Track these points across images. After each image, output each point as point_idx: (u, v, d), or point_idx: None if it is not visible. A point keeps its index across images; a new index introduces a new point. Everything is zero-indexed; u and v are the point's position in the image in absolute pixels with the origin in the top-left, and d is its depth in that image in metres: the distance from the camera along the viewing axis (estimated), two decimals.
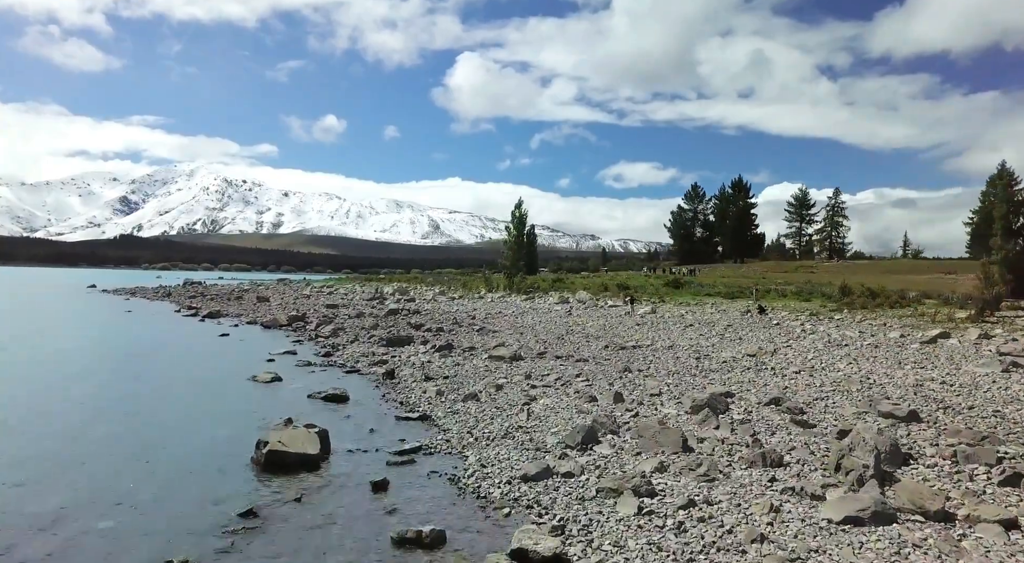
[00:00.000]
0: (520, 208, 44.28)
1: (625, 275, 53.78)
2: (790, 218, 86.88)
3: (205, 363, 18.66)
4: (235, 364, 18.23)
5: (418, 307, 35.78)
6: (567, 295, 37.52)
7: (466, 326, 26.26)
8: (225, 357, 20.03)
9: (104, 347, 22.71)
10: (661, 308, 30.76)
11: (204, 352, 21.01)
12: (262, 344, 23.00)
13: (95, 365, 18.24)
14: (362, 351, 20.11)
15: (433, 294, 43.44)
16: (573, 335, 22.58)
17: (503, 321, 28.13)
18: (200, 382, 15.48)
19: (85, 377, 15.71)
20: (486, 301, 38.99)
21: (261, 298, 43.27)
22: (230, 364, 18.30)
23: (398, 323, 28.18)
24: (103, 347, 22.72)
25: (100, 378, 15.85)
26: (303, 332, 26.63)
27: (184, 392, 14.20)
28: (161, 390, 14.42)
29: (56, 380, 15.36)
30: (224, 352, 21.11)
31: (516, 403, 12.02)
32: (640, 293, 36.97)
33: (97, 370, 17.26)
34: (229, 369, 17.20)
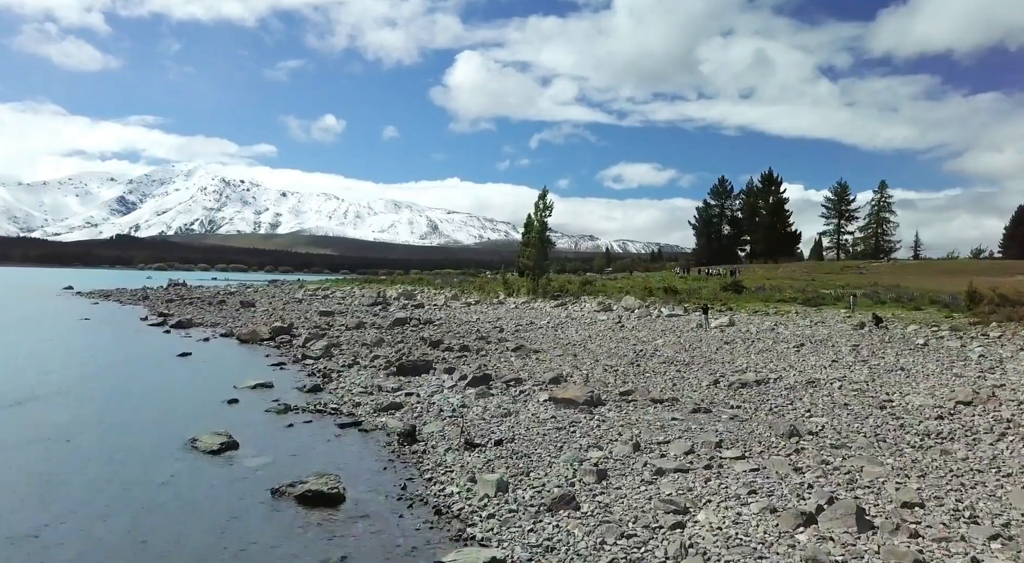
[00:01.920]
0: (544, 199, 38.41)
1: (659, 277, 48.08)
2: (828, 215, 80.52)
3: (136, 407, 12.91)
4: (180, 408, 12.56)
5: (429, 315, 30.10)
6: (608, 301, 31.67)
7: (496, 342, 20.57)
8: (172, 394, 14.31)
9: (5, 378, 16.92)
10: (735, 318, 24.97)
11: (145, 385, 15.27)
12: (231, 368, 17.33)
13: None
14: (364, 383, 14.45)
15: (444, 299, 37.68)
16: (648, 358, 16.89)
17: (540, 335, 22.43)
18: (103, 455, 9.63)
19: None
20: (508, 308, 33.29)
21: (245, 303, 37.55)
22: (172, 409, 12.60)
23: (407, 337, 22.51)
24: (4, 378, 16.94)
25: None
26: (288, 349, 21.00)
27: (58, 487, 8.43)
28: (19, 482, 8.66)
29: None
30: (174, 384, 15.39)
31: (650, 518, 6.37)
32: (694, 297, 31.29)
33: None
34: (166, 420, 11.52)
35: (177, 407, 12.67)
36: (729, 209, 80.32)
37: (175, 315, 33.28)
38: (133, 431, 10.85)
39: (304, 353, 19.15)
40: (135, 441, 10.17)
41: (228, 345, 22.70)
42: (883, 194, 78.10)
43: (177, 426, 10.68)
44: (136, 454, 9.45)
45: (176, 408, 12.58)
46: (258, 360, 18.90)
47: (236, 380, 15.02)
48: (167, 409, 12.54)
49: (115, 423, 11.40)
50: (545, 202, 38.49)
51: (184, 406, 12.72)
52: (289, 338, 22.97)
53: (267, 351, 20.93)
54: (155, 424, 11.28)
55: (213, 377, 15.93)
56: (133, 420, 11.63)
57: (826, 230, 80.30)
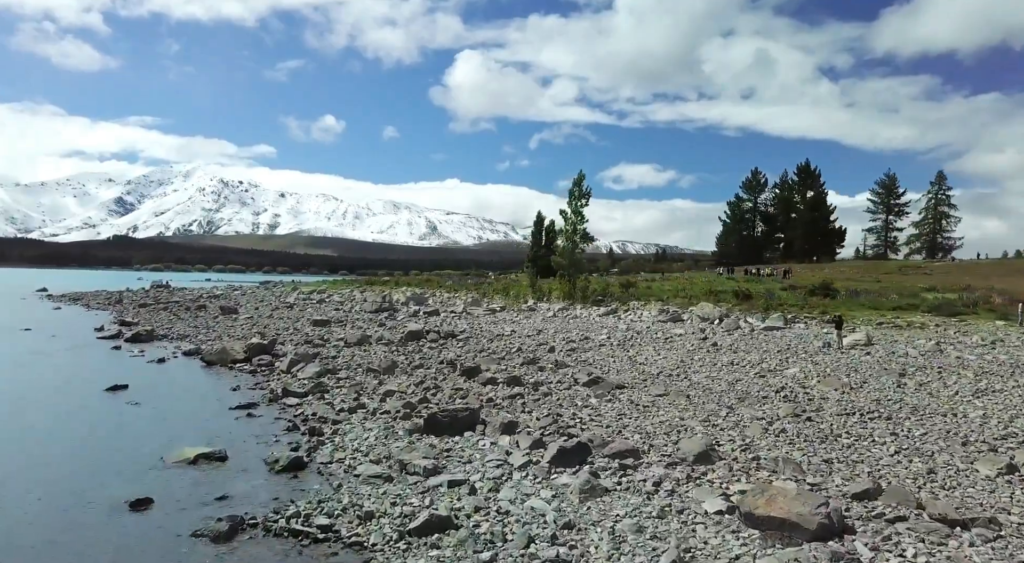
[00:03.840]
0: (580, 185, 32.36)
1: (705, 280, 42.31)
2: (874, 211, 73.60)
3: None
4: (36, 521, 6.86)
5: (449, 325, 24.41)
6: (673, 308, 25.52)
7: (553, 368, 14.89)
8: (41, 482, 8.56)
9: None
10: (869, 334, 18.86)
11: (24, 458, 9.55)
12: (173, 415, 11.68)
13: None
14: (376, 451, 8.85)
15: (463, 304, 31.82)
16: (810, 406, 11.14)
17: (607, 357, 16.74)
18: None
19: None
20: (544, 316, 27.53)
21: (226, 309, 31.84)
22: (19, 527, 6.88)
23: (428, 358, 16.83)
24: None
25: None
26: (267, 377, 15.42)
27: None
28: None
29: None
30: (59, 454, 9.64)
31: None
32: (761, 302, 25.60)
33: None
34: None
35: (31, 519, 6.94)
36: (763, 204, 74.21)
37: (139, 324, 27.69)
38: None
39: (286, 387, 13.43)
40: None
41: (188, 369, 17.01)
42: (941, 186, 70.15)
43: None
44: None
45: (27, 522, 6.85)
46: (220, 397, 13.21)
47: (169, 443, 9.37)
48: (34, 516, 6.82)
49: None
50: (581, 188, 32.51)
51: (46, 516, 7.00)
52: (270, 359, 17.29)
53: (237, 379, 15.26)
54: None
55: (135, 435, 10.23)
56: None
57: (872, 227, 73.73)
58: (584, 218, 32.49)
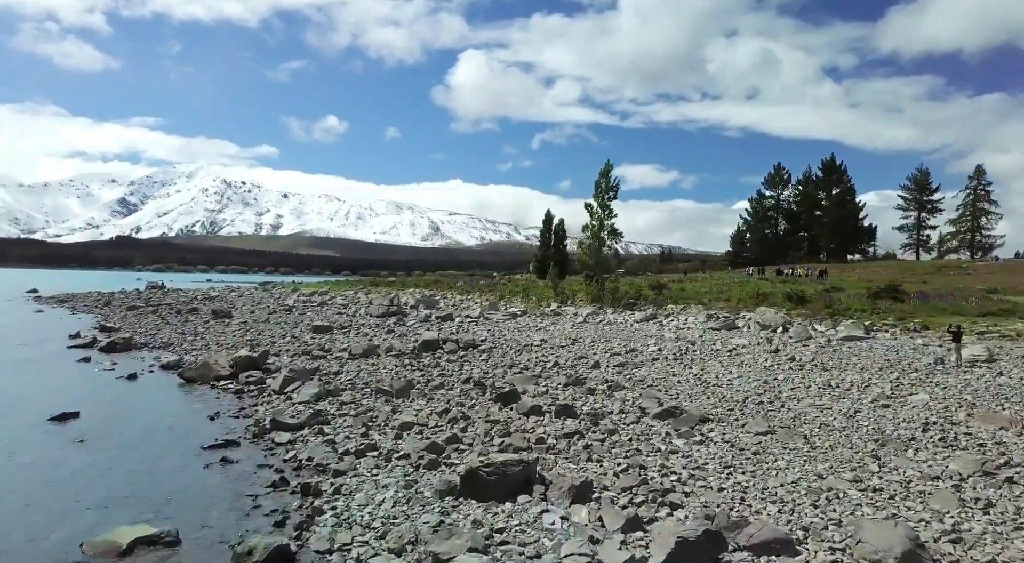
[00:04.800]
0: (608, 177, 29.31)
1: (737, 281, 39.40)
2: (906, 207, 69.27)
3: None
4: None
5: (467, 332, 21.59)
6: (725, 313, 22.46)
7: (606, 391, 12.04)
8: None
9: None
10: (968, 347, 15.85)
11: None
12: (132, 457, 8.93)
13: None
14: (396, 523, 6.07)
15: (480, 308, 28.86)
16: (972, 447, 8.32)
17: (667, 374, 13.89)
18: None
19: None
20: (572, 321, 24.64)
21: (219, 313, 29.07)
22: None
23: (448, 375, 14.02)
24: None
25: None
26: (255, 399, 12.70)
27: None
28: None
29: None
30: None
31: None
32: (820, 306, 22.71)
33: None
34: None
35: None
36: (786, 201, 70.89)
37: (121, 329, 25.00)
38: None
39: (276, 416, 10.62)
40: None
41: (162, 388, 14.23)
42: (979, 181, 64.69)
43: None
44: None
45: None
46: (192, 429, 10.43)
47: (102, 513, 6.58)
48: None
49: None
50: (608, 180, 29.50)
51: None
52: (260, 376, 14.49)
53: (219, 403, 12.50)
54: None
55: (59, 498, 7.42)
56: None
57: (904, 225, 69.62)
58: (612, 212, 29.57)
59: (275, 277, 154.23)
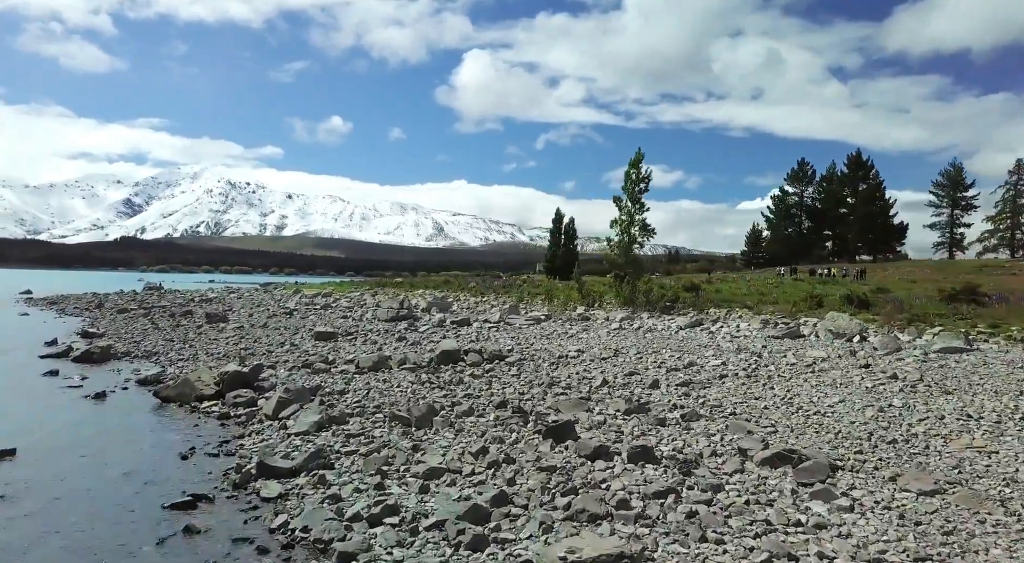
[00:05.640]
0: (639, 168, 26.57)
1: (769, 281, 36.78)
2: (937, 203, 65.62)
3: None
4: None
5: (490, 340, 19.13)
6: (780, 320, 19.92)
7: (679, 425, 9.59)
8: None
9: None
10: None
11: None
12: (64, 521, 6.49)
13: None
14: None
15: (499, 312, 26.28)
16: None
17: (747, 396, 11.43)
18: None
19: None
20: (606, 327, 22.07)
21: (213, 316, 26.72)
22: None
23: (476, 396, 11.60)
24: None
25: None
26: (242, 425, 10.39)
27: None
28: None
29: None
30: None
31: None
32: (890, 311, 20.18)
33: None
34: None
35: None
36: (810, 198, 68.07)
37: (105, 335, 22.75)
38: None
39: (264, 458, 8.21)
40: None
41: (132, 411, 11.84)
42: (1021, 176, 60.28)
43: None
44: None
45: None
46: (155, 474, 8.04)
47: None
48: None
49: None
50: (639, 171, 26.85)
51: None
52: (251, 396, 12.09)
53: (196, 433, 10.11)
54: None
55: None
56: None
57: (936, 222, 66.07)
58: (644, 206, 26.96)
59: (279, 278, 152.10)
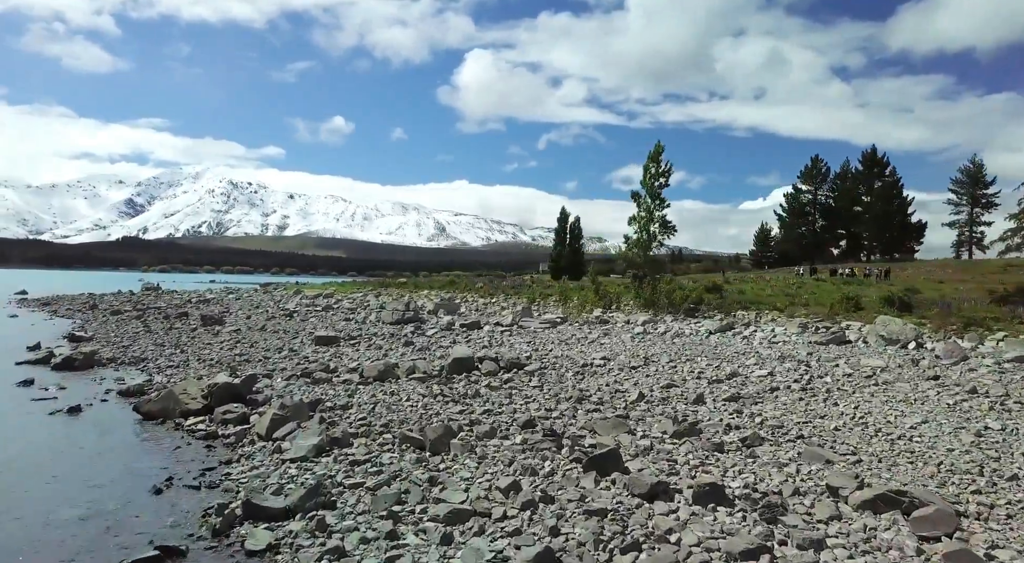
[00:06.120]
0: (659, 161, 25.07)
1: (789, 281, 35.32)
2: (957, 201, 63.51)
3: None
4: None
5: (505, 345, 17.73)
6: (820, 323, 18.42)
7: (740, 450, 8.21)
8: None
9: None
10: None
11: None
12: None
13: None
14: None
15: (511, 314, 24.78)
16: None
17: (808, 412, 10.03)
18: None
19: None
20: (629, 330, 20.66)
21: (209, 319, 25.35)
22: None
23: (497, 412, 10.22)
24: None
25: None
26: (231, 448, 9.02)
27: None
28: None
29: None
30: None
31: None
32: (935, 314, 18.77)
33: None
34: None
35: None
36: (824, 195, 66.52)
37: (93, 339, 21.47)
38: None
39: (251, 496, 6.82)
40: None
41: (107, 429, 10.48)
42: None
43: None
44: None
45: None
46: (120, 518, 6.66)
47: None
48: None
49: None
50: (659, 165, 25.32)
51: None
52: (243, 412, 10.70)
53: (176, 457, 8.74)
54: None
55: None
56: None
57: (954, 221, 64.00)
58: (664, 202, 25.49)
59: (280, 278, 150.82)
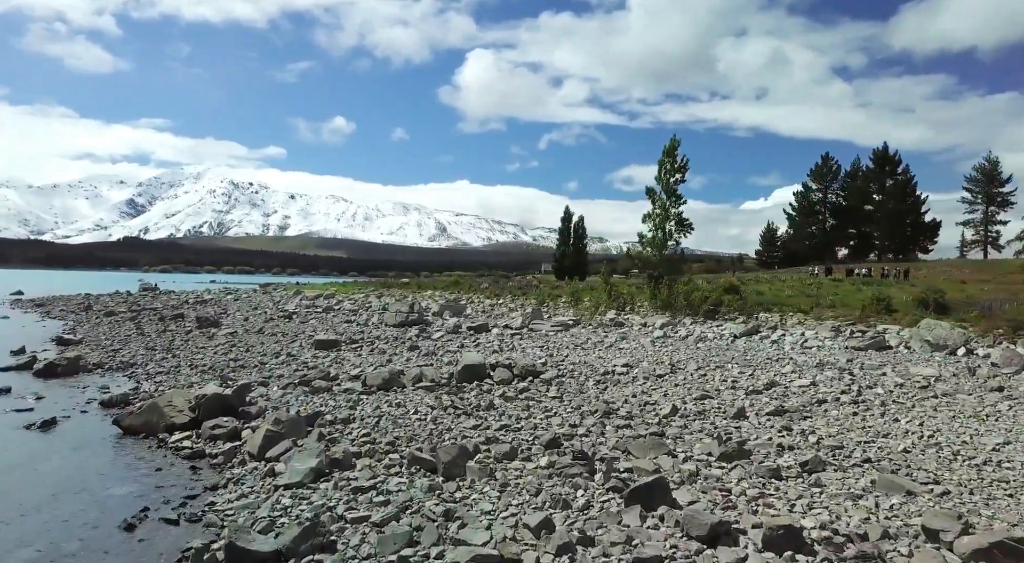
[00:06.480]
0: (674, 156, 23.82)
1: (806, 282, 34.19)
2: (972, 199, 61.76)
3: None
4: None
5: (517, 351, 16.65)
6: (853, 327, 17.27)
7: (798, 481, 7.15)
8: None
9: None
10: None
11: None
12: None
13: None
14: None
15: (521, 317, 23.61)
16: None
17: (867, 431, 8.96)
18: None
19: None
20: (648, 334, 19.54)
21: (204, 320, 24.32)
22: None
23: (516, 429, 9.17)
24: None
25: None
26: (219, 470, 7.96)
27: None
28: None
29: None
30: None
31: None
32: (975, 316, 17.71)
33: None
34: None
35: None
36: (834, 194, 65.11)
37: (82, 343, 20.45)
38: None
39: (239, 531, 5.76)
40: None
41: (80, 445, 9.43)
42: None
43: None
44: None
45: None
46: (76, 559, 5.59)
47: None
48: None
49: None
50: (675, 160, 24.16)
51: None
52: (234, 426, 9.64)
53: (154, 481, 7.68)
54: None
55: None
56: None
57: (970, 220, 62.33)
58: (681, 199, 24.34)
59: (281, 278, 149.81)
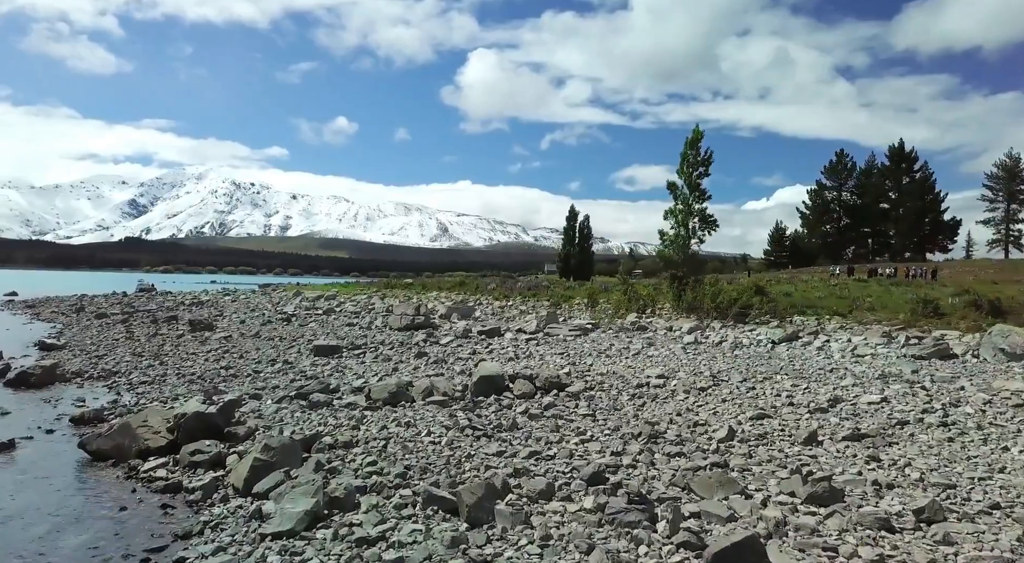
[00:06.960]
0: (697, 148, 22.27)
1: (827, 283, 32.62)
2: (992, 198, 60.10)
3: None
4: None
5: (535, 358, 15.27)
6: (906, 332, 15.85)
7: (935, 542, 5.75)
8: None
9: None
10: None
11: None
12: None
13: None
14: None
15: (535, 320, 22.09)
16: None
17: (991, 466, 7.58)
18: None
19: None
20: (674, 339, 18.14)
21: (198, 324, 22.96)
22: None
23: (549, 455, 7.77)
24: None
25: None
26: (194, 509, 6.50)
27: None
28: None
29: None
30: None
31: None
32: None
33: None
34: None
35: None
36: (849, 192, 63.29)
37: (66, 347, 19.15)
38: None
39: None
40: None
41: (39, 477, 8.04)
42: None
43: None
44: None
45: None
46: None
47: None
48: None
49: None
50: (698, 153, 22.66)
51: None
52: (218, 451, 8.23)
53: (119, 522, 6.28)
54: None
55: None
56: None
57: (990, 218, 60.35)
58: (705, 194, 22.92)
59: (282, 278, 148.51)
